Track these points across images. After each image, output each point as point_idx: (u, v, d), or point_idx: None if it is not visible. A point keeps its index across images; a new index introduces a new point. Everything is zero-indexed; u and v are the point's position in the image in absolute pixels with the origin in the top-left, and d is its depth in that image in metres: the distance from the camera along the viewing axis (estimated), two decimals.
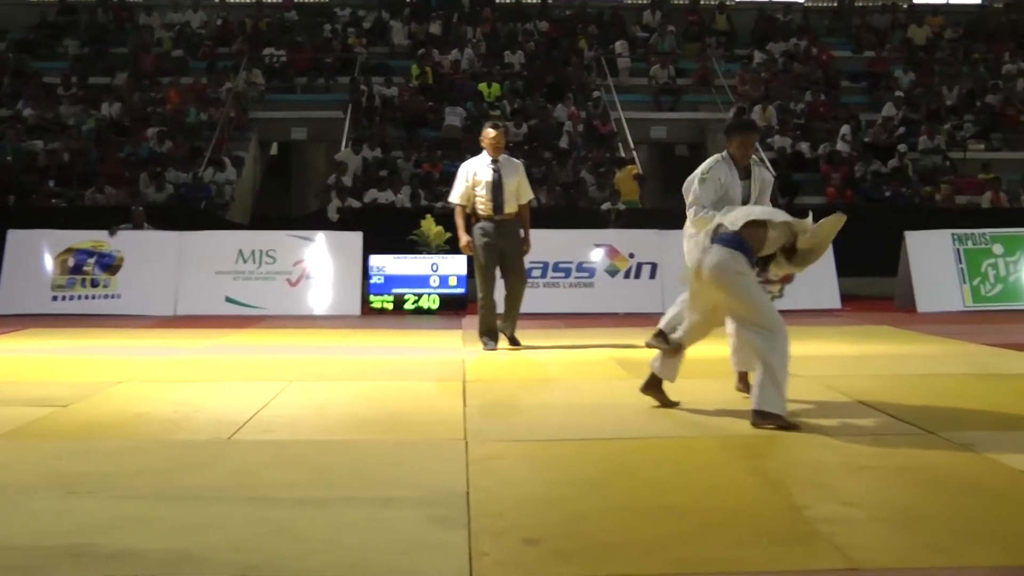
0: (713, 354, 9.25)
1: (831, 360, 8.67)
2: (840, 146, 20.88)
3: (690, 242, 6.90)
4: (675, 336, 6.47)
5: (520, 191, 9.62)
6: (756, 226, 6.04)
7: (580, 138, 21.14)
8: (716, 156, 6.73)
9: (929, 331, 10.99)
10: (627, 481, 4.76)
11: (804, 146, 20.94)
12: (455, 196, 9.68)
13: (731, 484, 4.71)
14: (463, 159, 10.26)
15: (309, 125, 22.62)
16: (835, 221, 6.10)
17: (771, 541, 3.85)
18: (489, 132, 9.61)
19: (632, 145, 21.19)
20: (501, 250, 9.55)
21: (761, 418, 5.84)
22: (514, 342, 9.78)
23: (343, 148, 19.90)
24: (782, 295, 6.55)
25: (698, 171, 6.61)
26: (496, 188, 9.45)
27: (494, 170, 9.47)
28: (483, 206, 9.50)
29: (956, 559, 3.66)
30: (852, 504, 4.35)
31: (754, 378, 6.04)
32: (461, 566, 3.54)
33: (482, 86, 22.59)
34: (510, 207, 9.54)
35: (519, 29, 25.37)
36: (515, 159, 9.92)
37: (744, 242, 6.00)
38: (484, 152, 9.60)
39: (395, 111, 21.82)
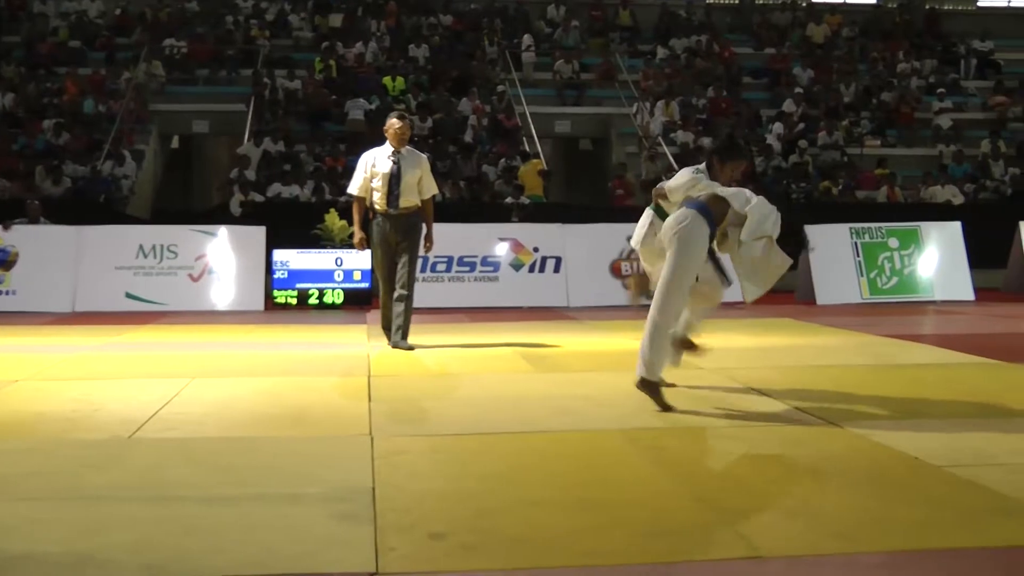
0: (618, 347, 9.35)
1: (734, 352, 8.79)
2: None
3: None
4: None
5: (422, 185, 9.18)
6: (720, 200, 6.18)
7: (485, 132, 21.15)
8: (695, 169, 6.65)
9: (829, 323, 11.23)
10: (534, 475, 4.78)
11: (706, 141, 21.19)
12: (353, 187, 9.32)
13: (637, 476, 4.75)
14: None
15: (211, 118, 22.31)
16: (779, 266, 6.21)
17: (677, 532, 3.89)
18: (394, 123, 9.21)
19: (537, 139, 21.27)
20: (396, 245, 9.15)
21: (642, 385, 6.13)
22: (406, 346, 9.18)
23: (246, 141, 19.68)
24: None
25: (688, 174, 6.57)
26: (393, 181, 9.04)
27: (394, 162, 9.08)
28: (379, 200, 9.12)
29: (857, 545, 3.73)
30: (756, 494, 4.42)
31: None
32: (368, 561, 3.52)
33: (386, 80, 22.48)
34: (406, 201, 9.09)
35: (423, 23, 25.29)
36: (419, 152, 9.51)
37: (709, 210, 6.09)
38: (387, 143, 9.24)
39: (298, 104, 21.62)
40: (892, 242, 14.48)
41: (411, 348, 9.12)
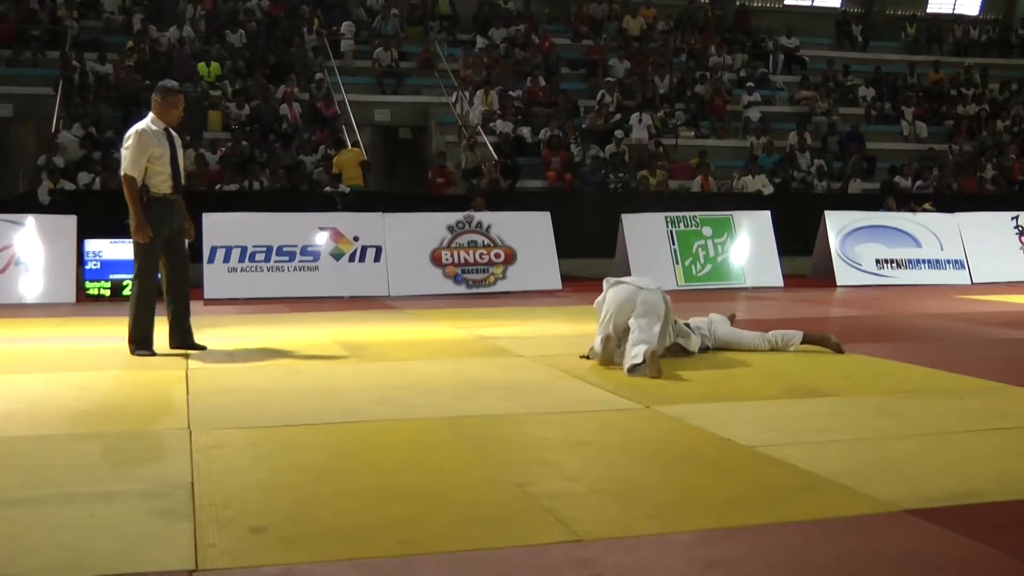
0: (438, 336, 9.39)
1: (551, 340, 8.91)
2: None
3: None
4: None
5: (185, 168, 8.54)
6: None
7: (303, 120, 20.91)
8: None
9: None
10: (354, 465, 4.78)
11: (525, 131, 21.43)
12: (134, 168, 8.08)
13: (457, 464, 4.79)
14: (182, 138, 9.03)
15: (15, 101, 21.42)
16: None
17: (497, 518, 3.94)
18: (178, 98, 8.37)
19: (356, 127, 21.14)
20: (173, 233, 8.41)
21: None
22: (195, 345, 8.47)
23: (55, 127, 18.97)
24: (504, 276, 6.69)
25: None
26: (175, 162, 8.19)
27: (170, 142, 8.21)
28: (161, 183, 8.16)
29: (671, 526, 3.86)
30: (574, 478, 4.51)
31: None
32: (187, 559, 3.47)
33: (201, 66, 21.98)
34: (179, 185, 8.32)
35: (240, 8, 24.81)
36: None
37: None
38: (153, 119, 8.20)
39: (110, 89, 20.95)
40: (706, 230, 14.91)
41: (204, 348, 8.52)
